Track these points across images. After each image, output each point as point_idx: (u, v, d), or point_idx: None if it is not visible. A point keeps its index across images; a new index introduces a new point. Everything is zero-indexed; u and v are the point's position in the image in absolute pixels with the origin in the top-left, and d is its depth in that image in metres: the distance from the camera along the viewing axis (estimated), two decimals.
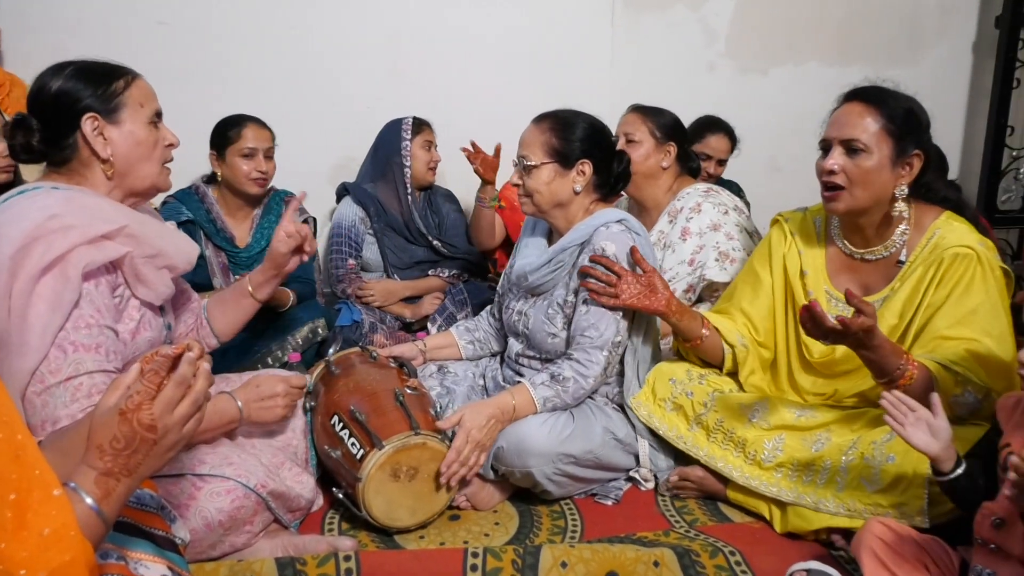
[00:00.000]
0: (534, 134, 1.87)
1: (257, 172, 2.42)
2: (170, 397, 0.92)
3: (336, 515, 1.78)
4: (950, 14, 3.37)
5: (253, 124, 2.46)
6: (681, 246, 2.28)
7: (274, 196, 2.59)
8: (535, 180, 1.85)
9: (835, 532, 1.64)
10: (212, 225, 2.48)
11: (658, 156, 2.32)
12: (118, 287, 1.39)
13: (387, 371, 1.90)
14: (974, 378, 1.58)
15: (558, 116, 1.88)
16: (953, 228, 1.69)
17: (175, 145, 1.52)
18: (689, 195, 2.33)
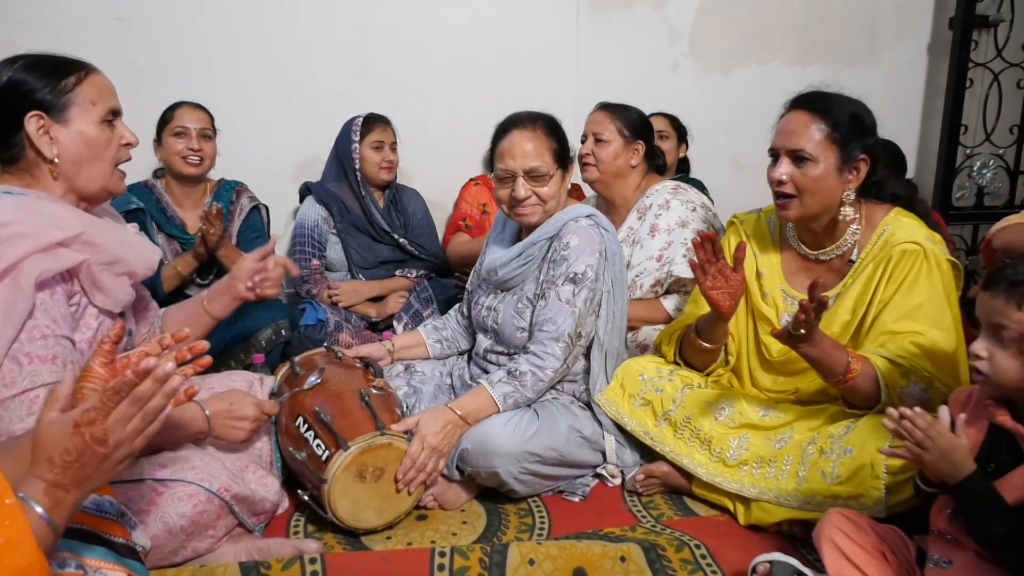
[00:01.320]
0: (539, 143, 1.83)
1: (188, 150, 2.43)
2: (123, 413, 0.92)
3: (302, 517, 1.76)
4: (906, 16, 3.45)
5: (187, 105, 2.50)
6: (650, 242, 2.30)
7: (224, 185, 2.60)
8: (551, 187, 1.87)
9: (796, 524, 1.67)
10: (162, 214, 2.48)
11: (627, 155, 2.34)
12: (74, 295, 1.35)
13: (352, 371, 1.88)
14: (919, 369, 1.62)
15: (544, 119, 1.89)
16: (902, 224, 1.74)
17: (133, 144, 1.47)
18: (658, 192, 2.35)
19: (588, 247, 1.84)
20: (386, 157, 2.75)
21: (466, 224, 2.80)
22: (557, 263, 1.85)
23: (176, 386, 0.95)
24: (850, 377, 1.60)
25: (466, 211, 2.83)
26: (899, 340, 1.66)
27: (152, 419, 0.95)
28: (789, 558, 1.45)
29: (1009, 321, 1.20)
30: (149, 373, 0.92)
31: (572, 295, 1.83)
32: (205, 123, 2.49)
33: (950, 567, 1.25)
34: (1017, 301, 1.20)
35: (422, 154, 3.07)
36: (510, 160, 1.83)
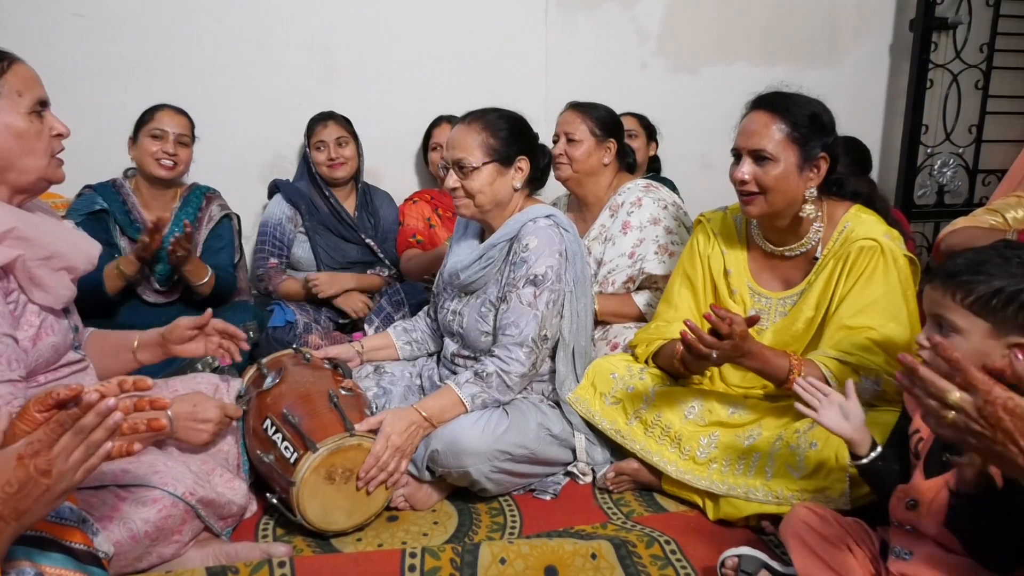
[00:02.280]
0: (468, 135, 1.85)
1: (163, 153, 2.38)
2: (67, 444, 0.93)
3: (271, 521, 1.74)
4: (868, 18, 3.51)
5: (169, 109, 2.45)
6: (622, 239, 2.32)
7: (195, 190, 2.55)
8: (476, 181, 1.84)
9: (764, 518, 1.69)
10: (126, 216, 2.43)
11: (599, 153, 2.35)
12: (11, 292, 1.32)
13: (321, 373, 1.87)
14: (868, 364, 1.66)
15: (488, 114, 1.88)
16: (862, 221, 1.78)
17: (64, 135, 1.44)
18: (630, 190, 2.37)
19: (547, 248, 1.84)
20: (329, 155, 2.72)
21: (417, 240, 2.78)
22: (517, 265, 1.85)
23: (118, 420, 0.96)
24: (792, 381, 1.64)
25: (413, 227, 2.82)
26: (854, 335, 1.70)
27: (93, 451, 0.96)
28: (757, 552, 1.48)
29: (948, 311, 1.24)
30: (92, 406, 0.93)
31: (534, 297, 1.83)
32: (184, 129, 2.44)
33: (911, 558, 1.27)
34: (953, 292, 1.23)
35: (390, 154, 3.05)
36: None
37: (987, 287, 1.20)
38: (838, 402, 1.40)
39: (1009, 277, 1.20)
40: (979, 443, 0.96)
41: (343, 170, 2.75)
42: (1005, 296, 1.19)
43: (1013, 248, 1.25)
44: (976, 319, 1.21)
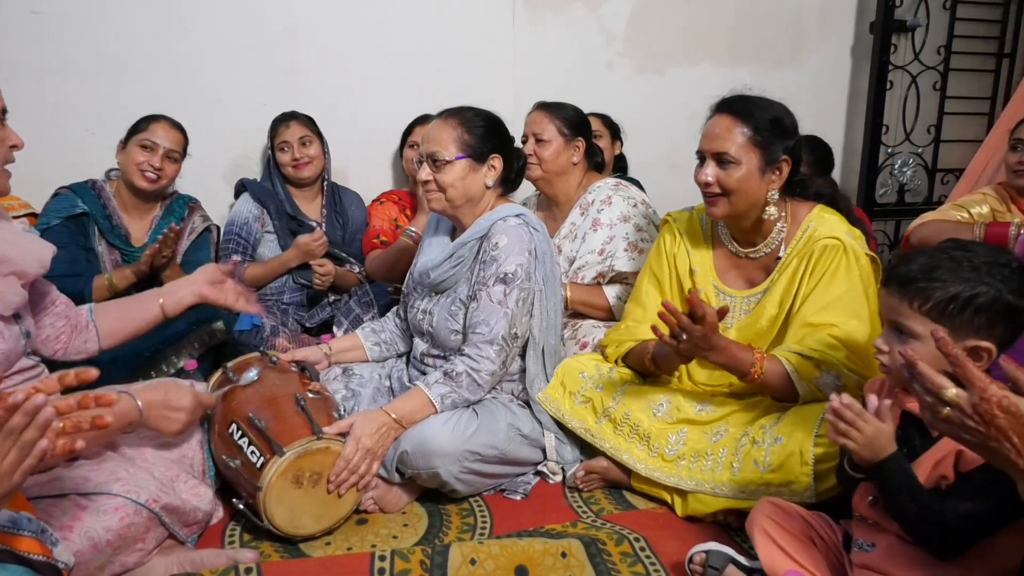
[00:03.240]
0: (444, 129, 1.86)
1: (149, 165, 2.35)
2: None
3: (237, 527, 1.72)
4: (830, 20, 3.57)
5: (167, 122, 2.42)
6: (592, 236, 2.33)
7: (177, 199, 2.52)
8: (449, 175, 1.85)
9: (732, 513, 1.71)
10: (107, 221, 2.38)
11: (568, 153, 2.37)
12: None
13: (288, 376, 1.85)
14: (830, 360, 1.70)
15: (465, 112, 1.90)
16: (824, 220, 1.81)
17: (18, 147, 1.43)
18: (600, 188, 2.39)
19: (517, 246, 1.84)
20: (293, 155, 2.70)
21: (381, 241, 2.76)
22: (487, 264, 1.85)
23: (48, 417, 0.94)
24: (755, 375, 1.71)
25: (379, 228, 2.80)
26: (817, 332, 1.73)
27: (28, 452, 0.95)
28: (724, 547, 1.50)
29: (906, 319, 1.26)
30: (18, 408, 0.92)
31: (503, 295, 1.83)
32: (176, 144, 2.40)
33: (873, 550, 1.30)
34: (910, 299, 1.26)
35: (357, 154, 3.02)
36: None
37: (943, 293, 1.23)
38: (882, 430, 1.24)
39: (963, 282, 1.22)
40: (973, 438, 0.99)
41: (308, 169, 2.73)
42: (961, 302, 1.22)
43: (961, 249, 1.27)
44: (933, 325, 1.23)
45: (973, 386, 0.97)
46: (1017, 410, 0.95)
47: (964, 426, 0.98)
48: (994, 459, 0.99)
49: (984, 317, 1.22)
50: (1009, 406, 0.95)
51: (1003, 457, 0.97)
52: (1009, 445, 0.95)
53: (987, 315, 1.22)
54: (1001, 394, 0.96)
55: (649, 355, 1.90)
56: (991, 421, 0.96)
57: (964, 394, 0.98)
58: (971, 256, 1.25)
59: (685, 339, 1.65)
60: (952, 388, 0.99)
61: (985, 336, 1.23)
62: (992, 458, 1.00)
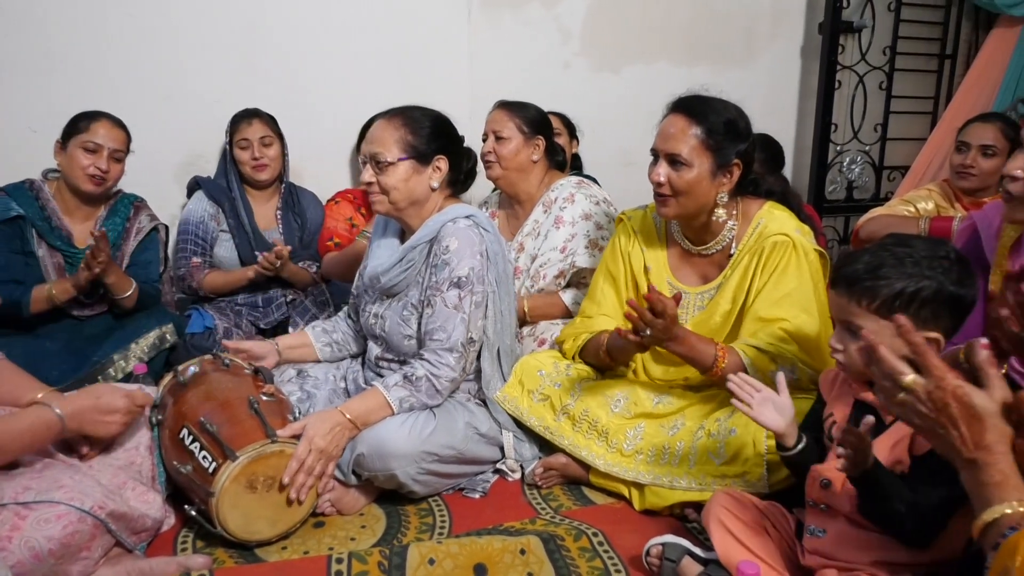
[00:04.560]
0: (387, 130, 1.83)
1: (95, 168, 2.26)
2: None
3: (190, 533, 1.67)
4: (780, 20, 3.65)
5: (108, 121, 2.31)
6: (555, 234, 2.35)
7: (122, 199, 2.44)
8: (391, 177, 1.82)
9: (688, 506, 1.73)
10: (46, 223, 2.29)
11: (528, 151, 2.37)
12: None
13: (241, 378, 1.81)
14: (784, 354, 1.73)
15: (410, 111, 1.86)
16: (774, 217, 1.84)
17: None
18: (562, 186, 2.40)
19: (468, 249, 1.82)
20: (253, 154, 2.64)
21: (335, 243, 2.73)
22: (439, 267, 1.83)
23: None
24: (718, 368, 1.73)
25: (333, 228, 2.76)
26: (769, 327, 1.76)
27: None
28: (680, 539, 1.51)
29: (856, 317, 1.30)
30: None
31: (459, 299, 1.82)
32: (120, 144, 2.31)
33: (824, 536, 1.33)
34: (858, 299, 1.30)
35: (312, 153, 2.98)
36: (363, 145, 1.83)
37: (889, 290, 1.27)
38: (771, 398, 1.42)
39: (907, 278, 1.27)
40: (923, 423, 1.01)
41: (267, 172, 2.68)
42: (907, 297, 1.26)
43: (902, 245, 1.31)
44: (883, 321, 1.27)
45: (931, 374, 0.99)
46: (969, 401, 0.97)
47: (917, 411, 1.00)
48: (940, 446, 1.02)
49: (929, 309, 1.26)
50: (962, 396, 0.97)
51: (949, 445, 0.99)
52: (956, 434, 0.98)
53: (932, 307, 1.26)
54: (956, 384, 0.98)
55: (604, 347, 1.92)
56: (943, 409, 0.98)
57: (921, 380, 1.00)
58: (912, 251, 1.29)
59: (648, 334, 1.67)
60: (910, 374, 1.01)
61: (932, 327, 1.27)
62: (938, 445, 1.02)
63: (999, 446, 0.97)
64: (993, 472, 0.97)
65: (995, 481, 0.96)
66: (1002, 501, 0.95)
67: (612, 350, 1.91)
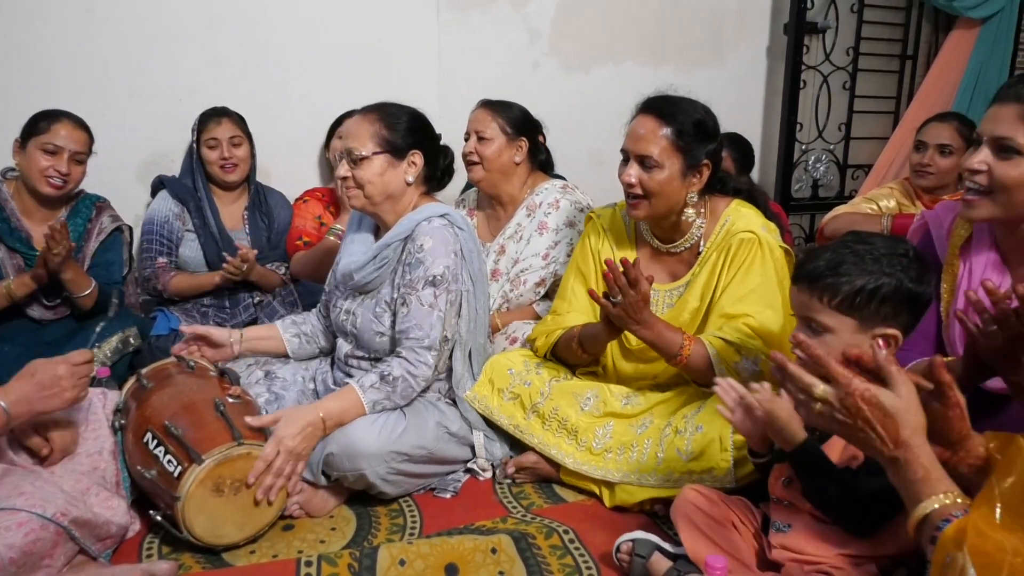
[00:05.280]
0: (362, 125, 1.83)
1: (55, 171, 2.21)
2: None
3: (156, 539, 1.65)
4: (746, 21, 3.69)
5: (69, 122, 2.25)
6: (538, 239, 2.35)
7: (83, 200, 2.39)
8: (366, 171, 1.82)
9: (657, 502, 1.75)
10: (5, 224, 2.24)
11: (510, 152, 2.37)
12: None
13: (206, 380, 1.78)
14: (749, 345, 1.76)
15: (386, 107, 1.87)
16: (741, 215, 1.87)
17: None
18: (547, 191, 2.40)
19: (443, 248, 1.82)
20: (222, 154, 2.60)
21: (303, 242, 2.70)
22: (413, 266, 1.82)
23: None
24: (684, 355, 1.74)
25: (302, 228, 2.73)
26: (734, 322, 1.79)
27: None
28: (650, 535, 1.53)
29: (816, 313, 1.33)
30: None
31: (434, 298, 1.81)
32: (82, 146, 2.26)
33: (789, 530, 1.35)
34: (819, 295, 1.32)
35: (279, 152, 2.94)
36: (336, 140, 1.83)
37: (849, 287, 1.29)
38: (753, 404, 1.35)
39: (867, 275, 1.29)
40: (843, 430, 1.04)
41: (236, 173, 2.64)
42: (867, 294, 1.29)
43: (862, 242, 1.34)
44: (843, 317, 1.30)
45: (837, 382, 1.02)
46: (878, 402, 1.00)
47: (834, 419, 1.03)
48: (865, 448, 1.05)
49: (889, 306, 1.29)
50: (871, 398, 1.00)
51: (871, 446, 1.03)
52: (874, 435, 1.01)
53: (892, 304, 1.29)
54: (863, 387, 1.01)
55: (576, 339, 1.93)
56: (857, 413, 1.01)
57: (831, 390, 1.03)
58: (871, 249, 1.32)
59: (620, 300, 1.68)
60: (820, 385, 1.04)
61: (892, 323, 1.29)
62: (863, 447, 1.05)
63: (915, 439, 1.00)
64: (916, 468, 1.00)
65: (919, 477, 1.00)
66: (929, 496, 0.99)
67: (585, 340, 1.92)
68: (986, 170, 1.37)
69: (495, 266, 2.41)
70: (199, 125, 2.63)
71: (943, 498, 0.98)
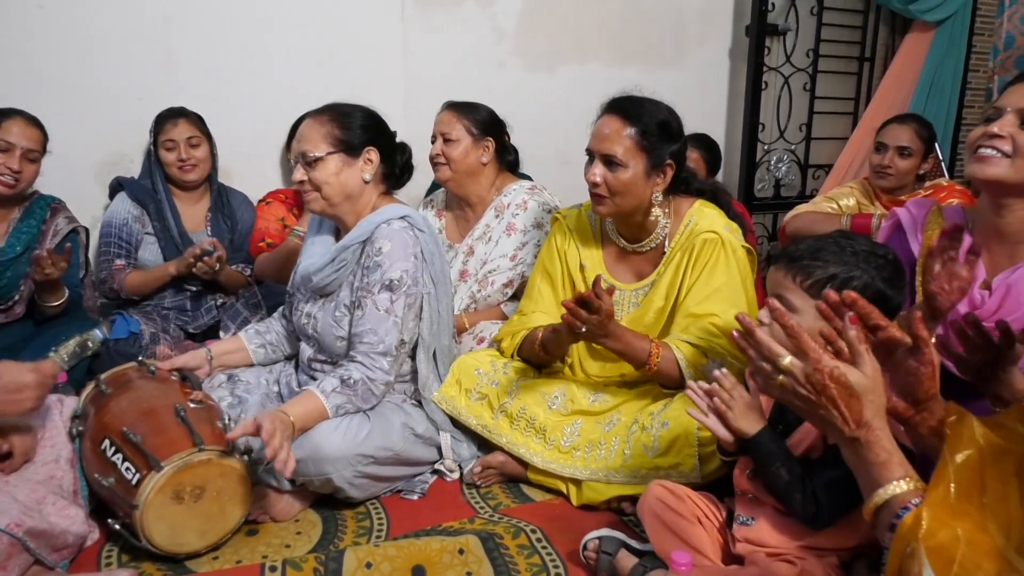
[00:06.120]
0: (313, 127, 1.82)
1: (6, 169, 2.16)
2: None
3: (115, 547, 1.61)
4: (709, 23, 3.73)
5: (21, 119, 2.21)
6: (505, 240, 2.35)
7: (38, 200, 2.34)
8: (322, 172, 1.80)
9: (624, 499, 1.76)
10: None
11: (477, 152, 2.36)
12: None
13: (167, 385, 1.75)
14: (715, 348, 1.78)
15: (338, 107, 1.85)
16: (704, 215, 1.89)
17: None
18: (515, 192, 2.40)
19: (402, 251, 1.81)
20: (180, 156, 2.55)
21: (267, 243, 2.67)
22: (371, 269, 1.81)
23: None
24: (652, 363, 1.76)
25: (264, 229, 2.69)
26: (700, 322, 1.81)
27: None
28: (616, 532, 1.54)
29: (787, 292, 1.35)
30: None
31: (390, 303, 1.80)
32: (35, 143, 2.21)
33: (753, 524, 1.37)
34: (794, 275, 1.35)
35: (241, 152, 2.90)
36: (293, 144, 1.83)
37: (823, 272, 1.33)
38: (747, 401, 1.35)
39: (843, 265, 1.33)
40: (804, 405, 1.03)
41: (195, 173, 2.59)
42: (837, 282, 1.32)
43: (848, 239, 1.38)
44: (811, 300, 1.32)
45: (808, 356, 1.01)
46: (846, 381, 1.00)
47: (797, 393, 1.03)
48: (823, 426, 1.05)
49: None
50: (839, 376, 1.00)
51: (830, 424, 1.02)
52: (837, 413, 1.00)
53: None
54: (832, 364, 1.00)
55: (539, 342, 1.93)
56: (822, 390, 1.00)
57: (799, 363, 1.02)
58: (854, 244, 1.37)
59: (583, 331, 1.69)
60: (787, 356, 1.03)
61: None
62: (821, 425, 1.05)
63: (877, 420, 1.00)
64: (877, 450, 1.00)
65: (880, 460, 1.00)
66: (889, 481, 0.98)
67: (547, 343, 1.93)
68: (1007, 136, 1.42)
69: (463, 267, 2.41)
70: (156, 127, 2.59)
71: (903, 484, 0.98)
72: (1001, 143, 1.42)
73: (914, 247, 1.60)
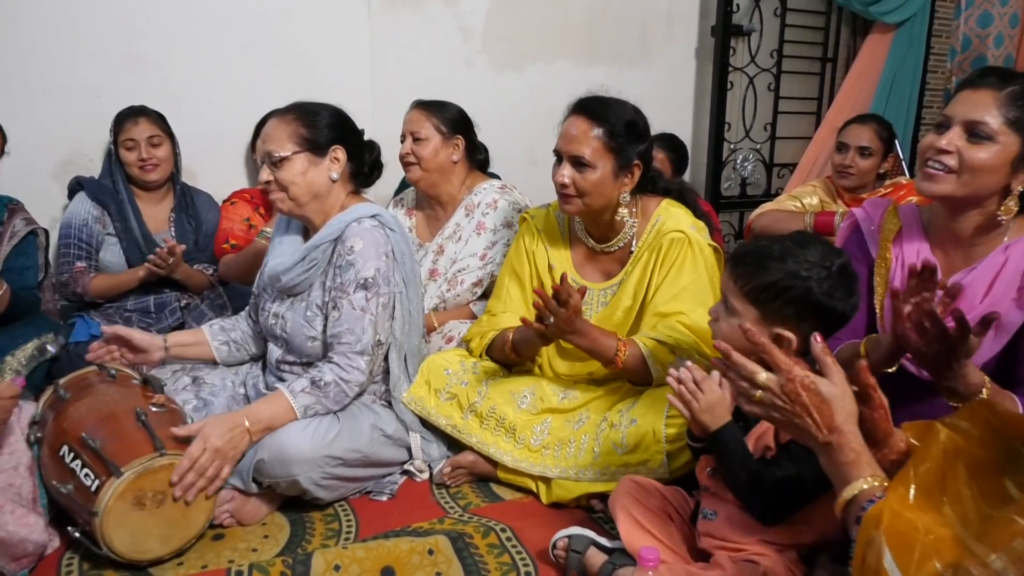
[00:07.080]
0: (278, 127, 1.80)
1: None
2: None
3: (75, 556, 1.57)
4: (675, 23, 3.77)
5: None
6: (475, 239, 2.34)
7: None
8: (288, 172, 1.78)
9: (594, 497, 1.77)
10: None
11: (447, 151, 2.35)
12: None
13: (128, 389, 1.71)
14: (682, 344, 1.80)
15: (303, 106, 1.84)
16: (671, 214, 1.91)
17: None
18: (485, 191, 2.39)
19: (374, 250, 1.80)
20: (140, 155, 2.50)
21: (231, 244, 2.63)
22: (344, 268, 1.79)
23: None
24: (619, 360, 1.78)
25: (229, 230, 2.65)
26: (668, 320, 1.83)
27: None
28: (586, 530, 1.54)
29: (730, 295, 1.39)
30: None
31: (366, 301, 1.78)
32: None
33: (715, 518, 1.39)
34: (736, 279, 1.38)
35: (205, 152, 2.85)
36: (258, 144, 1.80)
37: (761, 280, 1.34)
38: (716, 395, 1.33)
39: (782, 274, 1.33)
40: (781, 416, 1.09)
41: (157, 173, 2.54)
42: (775, 290, 1.33)
43: (798, 244, 1.36)
44: (749, 306, 1.35)
45: (780, 369, 1.08)
46: (816, 388, 1.07)
47: (774, 406, 1.09)
48: (799, 435, 1.11)
49: (793, 309, 1.33)
50: (810, 384, 1.07)
51: (806, 432, 1.08)
52: (811, 420, 1.07)
53: (796, 308, 1.33)
54: (803, 374, 1.07)
55: (509, 343, 1.94)
56: (796, 399, 1.07)
57: (774, 377, 1.09)
58: (804, 252, 1.34)
59: (551, 322, 1.69)
60: (763, 373, 1.10)
61: (792, 326, 1.34)
62: (797, 434, 1.11)
63: (847, 425, 1.07)
64: (847, 451, 1.06)
65: (849, 460, 1.06)
66: (857, 478, 1.04)
67: (518, 344, 1.93)
68: (954, 151, 1.42)
69: (433, 266, 2.40)
70: (116, 126, 2.53)
71: (870, 480, 1.03)
72: (947, 158, 1.43)
73: (871, 248, 1.63)
